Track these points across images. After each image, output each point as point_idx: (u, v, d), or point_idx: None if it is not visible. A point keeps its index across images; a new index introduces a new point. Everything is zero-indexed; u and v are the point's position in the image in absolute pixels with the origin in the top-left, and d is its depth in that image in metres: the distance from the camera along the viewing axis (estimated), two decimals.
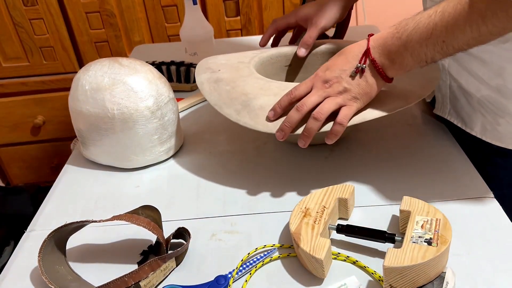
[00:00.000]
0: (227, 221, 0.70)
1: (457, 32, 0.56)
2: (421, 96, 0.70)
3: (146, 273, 0.58)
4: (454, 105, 0.81)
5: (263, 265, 0.62)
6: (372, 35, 0.65)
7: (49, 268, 0.61)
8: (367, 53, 0.64)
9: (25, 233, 0.71)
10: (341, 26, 0.99)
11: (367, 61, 0.64)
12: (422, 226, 0.58)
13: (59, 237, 0.63)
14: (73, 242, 0.67)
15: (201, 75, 0.79)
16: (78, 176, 0.82)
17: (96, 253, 0.66)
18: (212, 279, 0.59)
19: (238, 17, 1.58)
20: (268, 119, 0.68)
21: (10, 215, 1.59)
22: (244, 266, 0.61)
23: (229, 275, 0.60)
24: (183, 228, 0.65)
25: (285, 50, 0.90)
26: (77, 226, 0.64)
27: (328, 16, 0.86)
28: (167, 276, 0.62)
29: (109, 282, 0.56)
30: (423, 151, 0.81)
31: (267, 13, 1.57)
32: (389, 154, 0.81)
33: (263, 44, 0.94)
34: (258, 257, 0.62)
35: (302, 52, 0.88)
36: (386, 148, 0.82)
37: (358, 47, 0.65)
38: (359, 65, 0.64)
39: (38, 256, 0.60)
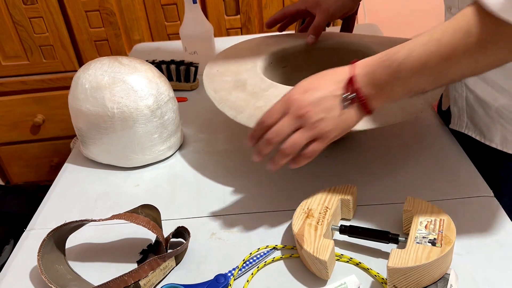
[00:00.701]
0: (227, 220, 0.69)
1: (454, 63, 0.51)
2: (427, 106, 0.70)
3: (145, 272, 0.58)
4: (472, 117, 0.78)
5: (265, 265, 0.61)
6: (356, 61, 0.58)
7: (48, 267, 0.60)
8: (351, 81, 0.56)
9: (24, 232, 0.70)
10: (347, 22, 0.98)
11: (351, 90, 0.56)
12: (426, 227, 0.57)
13: (58, 236, 0.62)
14: (72, 241, 0.66)
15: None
16: (78, 175, 0.82)
17: (95, 253, 0.66)
18: (212, 278, 0.59)
19: (238, 16, 1.58)
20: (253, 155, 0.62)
21: (10, 214, 1.58)
22: (245, 265, 0.61)
23: (229, 274, 0.59)
24: (182, 227, 0.64)
25: (280, 51, 0.89)
26: (76, 225, 0.63)
27: (338, 3, 0.84)
28: (167, 275, 0.61)
29: (109, 281, 0.56)
30: (423, 150, 0.80)
31: (267, 11, 1.57)
32: (389, 153, 0.80)
33: (268, 26, 0.92)
34: (260, 257, 0.62)
35: (311, 39, 0.86)
36: (386, 147, 0.82)
37: (342, 73, 0.57)
38: (344, 94, 0.56)
39: (38, 255, 0.60)
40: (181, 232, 0.65)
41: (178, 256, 0.62)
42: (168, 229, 0.65)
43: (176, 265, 0.62)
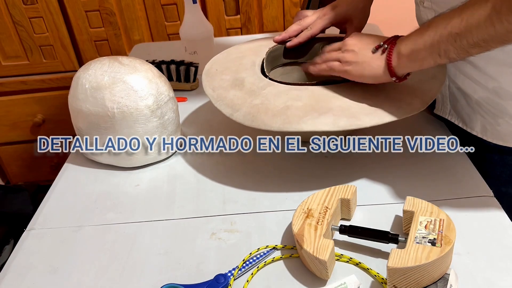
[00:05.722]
0: (227, 220, 0.69)
1: (473, 26, 0.55)
2: (423, 107, 0.70)
3: None
4: (454, 105, 0.81)
5: (265, 265, 0.61)
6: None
7: None
8: (394, 40, 0.65)
9: (24, 232, 0.70)
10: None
11: (387, 43, 0.65)
12: (425, 227, 0.57)
13: None
14: (73, 241, 0.66)
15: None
16: (78, 175, 0.82)
17: (96, 253, 0.66)
18: (212, 278, 0.59)
19: (238, 16, 1.58)
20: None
21: (10, 214, 1.58)
22: (245, 265, 0.61)
23: (229, 274, 0.59)
24: None
25: (280, 49, 0.89)
26: None
27: (366, 16, 0.87)
28: None
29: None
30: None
31: (266, 11, 1.56)
32: (389, 153, 0.80)
33: (289, 46, 0.86)
34: (260, 257, 0.62)
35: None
36: (385, 147, 0.82)
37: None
38: (381, 43, 0.66)
39: None
40: None
41: None
42: (168, 229, 0.64)
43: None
